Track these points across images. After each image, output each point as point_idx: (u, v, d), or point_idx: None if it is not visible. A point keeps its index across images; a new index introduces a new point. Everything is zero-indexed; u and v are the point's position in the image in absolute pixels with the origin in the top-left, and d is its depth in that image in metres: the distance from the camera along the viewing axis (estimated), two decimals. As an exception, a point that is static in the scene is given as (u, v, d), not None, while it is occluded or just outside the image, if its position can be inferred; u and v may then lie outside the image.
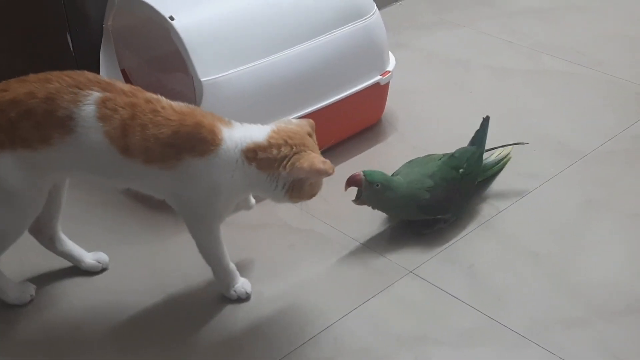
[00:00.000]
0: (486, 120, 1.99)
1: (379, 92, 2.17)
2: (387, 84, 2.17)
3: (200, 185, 1.54)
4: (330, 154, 2.12)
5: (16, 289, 1.69)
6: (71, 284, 1.76)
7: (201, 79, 1.82)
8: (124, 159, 1.52)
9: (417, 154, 1.97)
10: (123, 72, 2.11)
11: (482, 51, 2.62)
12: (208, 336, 1.63)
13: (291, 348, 1.59)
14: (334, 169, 1.54)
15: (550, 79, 2.46)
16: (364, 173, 1.78)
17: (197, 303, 1.71)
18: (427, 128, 2.25)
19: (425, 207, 1.81)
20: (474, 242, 1.84)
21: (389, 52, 2.19)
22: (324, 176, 1.55)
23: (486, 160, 1.99)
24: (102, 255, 1.79)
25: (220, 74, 1.85)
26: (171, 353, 1.59)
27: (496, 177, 2.00)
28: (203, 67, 1.83)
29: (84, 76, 1.55)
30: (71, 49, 2.13)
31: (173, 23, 1.81)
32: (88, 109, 1.51)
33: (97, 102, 1.51)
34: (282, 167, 1.52)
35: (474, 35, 2.72)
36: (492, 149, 2.00)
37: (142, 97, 1.54)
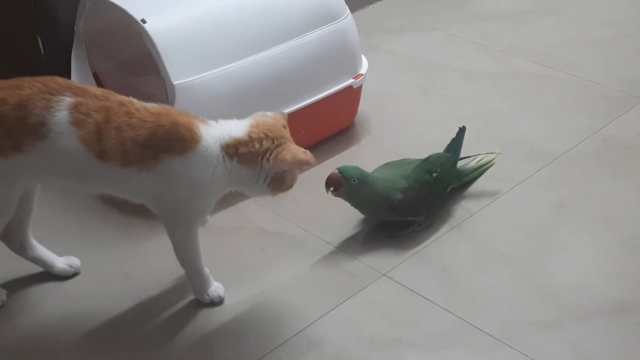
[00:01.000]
0: (462, 130, 2.00)
1: (351, 95, 2.17)
2: (360, 87, 2.17)
3: (180, 184, 1.53)
4: (304, 157, 2.12)
5: (-14, 294, 1.68)
6: (43, 289, 1.74)
7: (173, 82, 1.81)
8: (100, 163, 1.51)
9: (390, 156, 1.97)
10: (95, 75, 2.10)
11: (454, 54, 2.63)
12: (181, 341, 1.62)
13: (264, 352, 1.59)
14: (314, 159, 1.56)
15: (522, 81, 2.48)
16: (339, 170, 1.79)
17: (171, 307, 1.70)
18: (400, 131, 2.25)
19: (397, 208, 1.82)
20: (447, 244, 1.85)
21: (362, 55, 2.19)
22: (306, 166, 1.57)
23: (466, 165, 2.00)
24: (74, 259, 1.77)
25: (193, 77, 1.84)
26: (144, 358, 1.58)
27: (474, 182, 2.01)
28: (175, 70, 1.82)
29: (55, 82, 1.54)
30: (42, 52, 2.11)
31: (145, 26, 1.80)
32: (61, 114, 1.49)
33: (70, 107, 1.50)
34: (265, 160, 1.54)
35: (446, 39, 2.73)
36: (465, 157, 2.00)
37: (115, 100, 1.53)
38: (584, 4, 2.94)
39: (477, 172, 2.01)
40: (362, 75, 2.16)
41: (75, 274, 1.77)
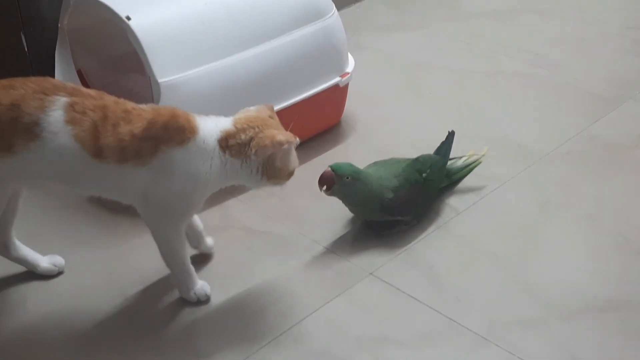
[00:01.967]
0: (451, 134, 2.00)
1: (338, 93, 2.16)
2: (347, 85, 2.17)
3: (177, 177, 1.53)
4: (290, 155, 2.12)
5: (-30, 294, 1.67)
6: (27, 288, 1.73)
7: (158, 80, 1.80)
8: (94, 162, 1.50)
9: (377, 155, 1.97)
10: (79, 73, 2.08)
11: (441, 53, 2.63)
12: (167, 339, 1.61)
13: (251, 351, 1.58)
14: (296, 138, 1.56)
15: (508, 80, 2.48)
16: (331, 168, 1.78)
17: (156, 306, 1.69)
18: (386, 130, 2.25)
19: (388, 208, 1.82)
20: (434, 243, 1.85)
21: (348, 54, 2.19)
22: (287, 146, 1.56)
23: (454, 164, 2.00)
24: (58, 258, 1.76)
25: (178, 75, 1.83)
26: (130, 357, 1.58)
27: (461, 180, 2.01)
28: (160, 68, 1.81)
29: (48, 82, 1.54)
30: (25, 49, 2.10)
31: (130, 23, 1.79)
32: (56, 114, 1.49)
33: (65, 107, 1.49)
34: (249, 150, 1.54)
35: (432, 37, 2.73)
36: (453, 159, 2.00)
37: (110, 99, 1.54)
38: (570, 3, 2.95)
39: (464, 171, 2.01)
40: (348, 73, 2.16)
41: (59, 273, 1.76)
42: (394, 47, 2.66)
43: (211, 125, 1.56)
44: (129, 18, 1.80)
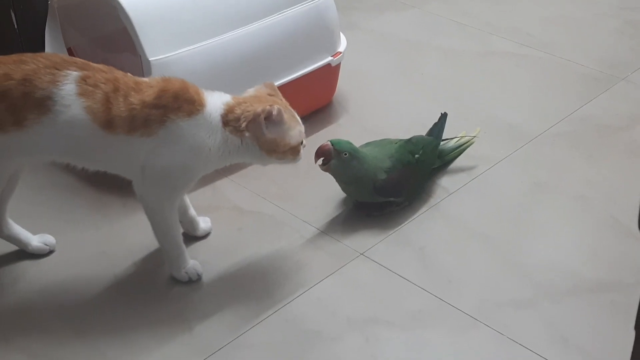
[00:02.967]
0: (444, 116, 2.00)
1: (330, 73, 2.16)
2: (339, 65, 2.16)
3: (181, 148, 1.54)
4: (281, 135, 2.11)
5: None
6: (18, 267, 1.73)
7: (149, 59, 1.80)
8: (104, 135, 1.52)
9: (368, 135, 1.97)
10: (69, 51, 2.07)
11: (433, 33, 2.62)
12: (158, 318, 1.61)
13: (242, 330, 1.58)
14: (279, 110, 1.55)
15: (500, 61, 2.48)
16: (331, 142, 1.78)
17: (147, 285, 1.69)
18: (378, 109, 2.25)
19: (380, 188, 1.81)
20: (425, 224, 1.85)
21: (340, 33, 2.18)
22: (264, 115, 1.54)
23: (446, 144, 2.00)
24: (49, 237, 1.76)
25: (169, 54, 1.82)
26: (121, 335, 1.58)
27: (453, 161, 2.01)
28: (151, 46, 1.80)
29: (59, 57, 1.56)
30: (15, 26, 2.08)
31: (120, 1, 1.78)
32: (68, 87, 1.51)
33: (77, 80, 1.51)
34: (242, 125, 1.55)
35: (424, 17, 2.72)
36: (445, 140, 2.00)
37: (119, 73, 1.57)
38: (563, -17, 2.94)
39: (457, 152, 2.00)
40: (340, 53, 2.15)
41: (50, 252, 1.76)
42: (386, 27, 2.65)
43: (217, 100, 1.58)
44: (119, -4, 1.78)
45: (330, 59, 2.12)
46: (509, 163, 2.04)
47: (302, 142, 1.63)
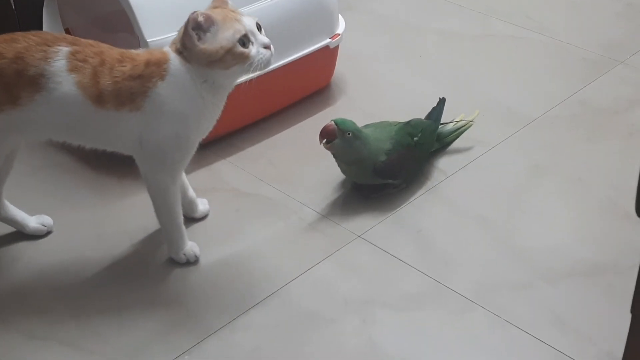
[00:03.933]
0: (442, 101, 2.00)
1: (328, 55, 2.15)
2: (337, 47, 2.16)
3: (169, 115, 1.53)
4: (280, 117, 2.11)
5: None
6: (16, 248, 1.73)
7: (147, 40, 1.79)
8: (96, 110, 1.51)
9: (367, 117, 1.96)
10: (66, 32, 2.06)
11: (432, 15, 2.61)
12: (156, 300, 1.62)
13: (239, 312, 1.59)
14: (206, 14, 1.48)
15: (499, 43, 2.47)
16: (335, 122, 1.77)
17: (145, 267, 1.70)
18: (376, 92, 2.24)
19: (380, 170, 1.81)
20: (422, 207, 1.85)
21: (339, 15, 2.17)
22: (196, 25, 1.48)
23: (444, 127, 2.00)
24: (46, 218, 1.76)
25: (167, 35, 1.80)
26: (119, 317, 1.58)
27: (451, 144, 2.01)
28: (149, 27, 1.79)
29: (49, 34, 1.56)
30: (13, 7, 2.07)
31: (118, -18, 1.77)
32: (59, 63, 1.50)
33: (67, 56, 1.51)
34: (178, 45, 1.52)
35: (423, -1, 2.71)
36: (443, 123, 2.00)
37: (105, 46, 1.56)
38: (563, -35, 2.92)
39: (455, 134, 2.00)
40: (339, 35, 2.14)
41: (48, 233, 1.76)
42: (385, 9, 2.64)
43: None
44: (117, -24, 1.77)
45: (328, 41, 2.12)
46: (507, 146, 2.04)
47: (245, 43, 1.51)
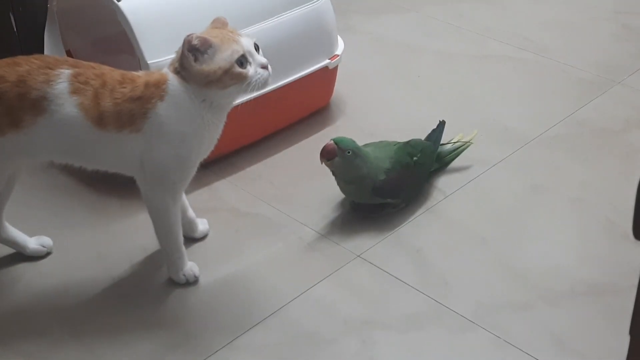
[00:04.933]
0: (442, 124, 2.01)
1: (327, 75, 2.16)
2: (336, 67, 2.17)
3: (169, 137, 1.53)
4: (279, 137, 2.12)
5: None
6: (16, 269, 1.73)
7: (148, 61, 1.80)
8: (97, 132, 1.52)
9: (366, 137, 1.97)
10: (68, 54, 2.07)
11: (430, 36, 2.63)
12: (155, 320, 1.62)
13: (239, 332, 1.59)
14: (201, 37, 1.49)
15: (497, 64, 2.48)
16: (334, 141, 1.78)
17: (144, 287, 1.70)
18: (375, 112, 2.25)
19: (379, 189, 1.82)
20: (421, 226, 1.86)
21: (338, 36, 2.18)
22: (191, 47, 1.49)
23: (443, 147, 2.00)
24: (46, 239, 1.76)
25: (168, 57, 1.81)
26: (119, 338, 1.58)
27: (450, 164, 2.02)
28: (150, 49, 1.80)
29: (51, 57, 1.57)
30: (15, 29, 2.08)
31: (119, 4, 1.78)
32: (61, 86, 1.51)
33: (69, 78, 1.52)
34: (176, 65, 1.53)
35: (421, 20, 2.73)
36: (443, 144, 2.01)
37: (106, 68, 1.57)
38: (560, -14, 2.94)
39: (454, 154, 2.01)
40: (337, 55, 2.15)
41: (47, 254, 1.76)
42: (383, 30, 2.66)
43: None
44: (118, -1, 1.79)
45: (327, 61, 2.13)
46: (505, 166, 2.05)
47: (243, 63, 1.52)
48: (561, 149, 2.10)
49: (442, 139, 2.00)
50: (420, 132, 2.01)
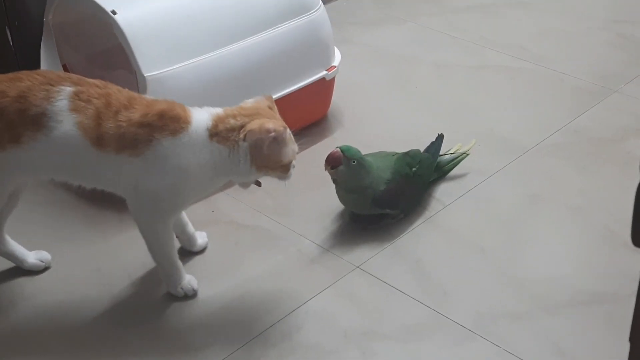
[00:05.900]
0: (440, 137, 2.02)
1: (324, 87, 2.17)
2: (333, 79, 2.17)
3: (169, 169, 1.53)
4: (277, 149, 2.11)
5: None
6: (14, 284, 1.73)
7: (144, 75, 1.80)
8: (95, 151, 1.51)
9: (363, 149, 1.96)
10: (64, 68, 2.07)
11: (427, 47, 2.64)
12: (154, 334, 1.61)
13: (239, 345, 1.58)
14: (286, 128, 1.54)
15: (494, 74, 2.49)
16: (341, 149, 1.78)
17: (143, 301, 1.69)
18: (373, 123, 2.25)
19: (379, 200, 1.82)
20: (420, 237, 1.85)
21: (335, 48, 2.19)
22: (274, 134, 1.52)
23: (442, 157, 2.00)
24: (45, 254, 1.76)
25: (164, 70, 1.83)
26: (118, 352, 1.58)
27: (448, 174, 2.02)
28: (146, 62, 1.81)
29: (54, 73, 1.56)
30: (11, 43, 2.09)
31: (115, 17, 1.79)
32: (61, 103, 1.51)
33: (70, 96, 1.51)
34: (237, 135, 1.53)
35: (418, 31, 2.74)
36: (442, 155, 2.01)
37: (113, 88, 1.56)
38: (555, -4, 2.96)
39: (452, 164, 2.01)
40: (335, 67, 2.16)
41: (46, 269, 1.76)
42: (380, 41, 2.66)
43: (204, 115, 1.56)
44: (114, 12, 1.79)
45: (324, 73, 2.13)
46: (504, 175, 2.05)
47: (292, 162, 1.60)
48: (559, 157, 2.11)
49: (441, 151, 2.00)
50: (418, 143, 2.01)
